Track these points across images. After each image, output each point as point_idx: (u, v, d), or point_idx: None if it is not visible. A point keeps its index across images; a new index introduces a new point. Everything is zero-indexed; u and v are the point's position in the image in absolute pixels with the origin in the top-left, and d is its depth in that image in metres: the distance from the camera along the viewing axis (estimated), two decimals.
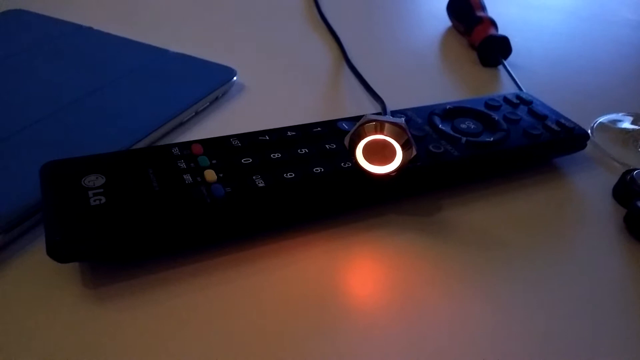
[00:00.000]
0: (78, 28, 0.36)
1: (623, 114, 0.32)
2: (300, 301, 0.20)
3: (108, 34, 0.36)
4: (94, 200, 0.20)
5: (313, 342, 0.18)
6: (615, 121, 0.31)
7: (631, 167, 0.26)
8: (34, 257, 0.21)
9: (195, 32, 0.40)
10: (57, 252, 0.19)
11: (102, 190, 0.21)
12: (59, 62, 0.32)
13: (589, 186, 0.27)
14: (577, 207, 0.25)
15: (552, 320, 0.20)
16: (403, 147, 0.22)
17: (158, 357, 0.18)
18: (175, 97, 0.30)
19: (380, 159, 0.22)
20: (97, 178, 0.21)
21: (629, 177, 0.25)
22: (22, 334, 0.18)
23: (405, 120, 0.24)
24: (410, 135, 0.22)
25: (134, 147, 0.26)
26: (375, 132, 0.21)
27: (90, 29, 0.36)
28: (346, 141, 0.22)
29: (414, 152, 0.22)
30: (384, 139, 0.22)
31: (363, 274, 0.22)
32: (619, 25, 0.47)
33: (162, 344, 0.18)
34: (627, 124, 0.31)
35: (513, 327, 0.19)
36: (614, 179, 0.26)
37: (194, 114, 0.30)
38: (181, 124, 0.29)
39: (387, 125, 0.21)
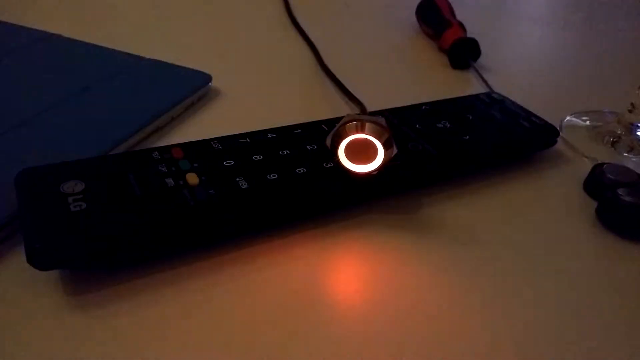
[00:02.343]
0: (47, 36, 0.36)
1: (587, 111, 0.33)
2: (286, 301, 0.20)
3: (78, 41, 0.35)
4: (74, 206, 0.20)
5: (300, 341, 0.18)
6: (580, 119, 0.32)
7: (599, 162, 0.27)
8: (14, 265, 0.20)
9: (167, 38, 0.40)
10: (38, 260, 0.18)
11: (81, 196, 0.20)
12: (29, 69, 0.32)
13: (561, 181, 0.27)
14: (551, 201, 0.26)
15: (532, 309, 0.20)
16: (384, 145, 0.22)
17: None
18: (151, 103, 0.29)
19: (362, 158, 0.22)
20: (76, 184, 0.21)
21: (598, 171, 0.26)
22: (2, 344, 0.17)
23: None
24: (391, 133, 0.22)
25: (112, 153, 0.25)
26: (357, 132, 0.22)
27: (59, 36, 0.36)
28: (328, 141, 0.23)
29: (395, 151, 0.22)
30: (366, 138, 0.22)
31: (348, 272, 0.22)
32: (576, 29, 0.48)
33: (146, 351, 0.18)
34: (592, 121, 0.32)
35: (496, 316, 0.20)
36: (584, 173, 0.27)
37: (170, 119, 0.30)
38: (158, 129, 0.29)
39: (368, 124, 0.22)
